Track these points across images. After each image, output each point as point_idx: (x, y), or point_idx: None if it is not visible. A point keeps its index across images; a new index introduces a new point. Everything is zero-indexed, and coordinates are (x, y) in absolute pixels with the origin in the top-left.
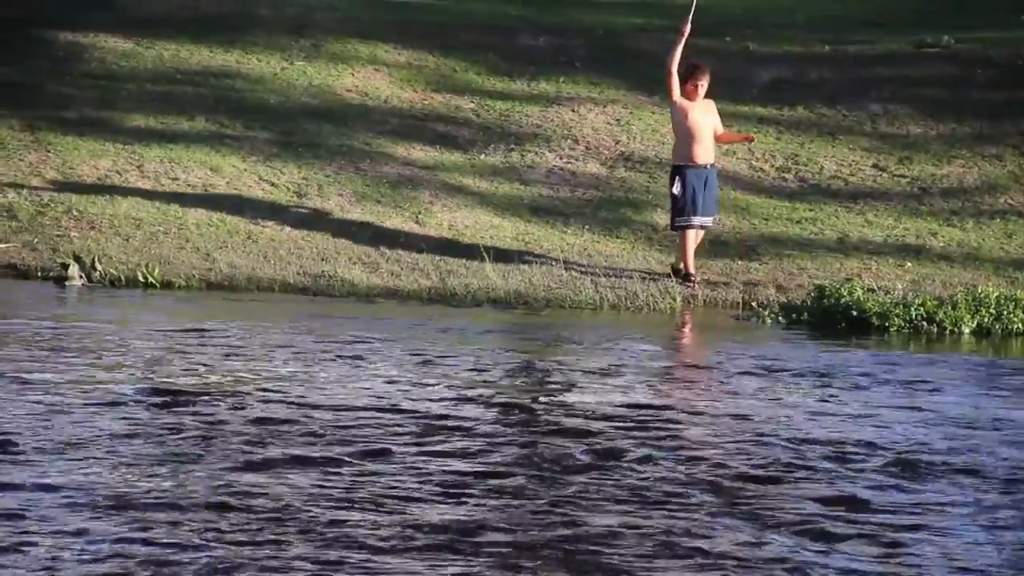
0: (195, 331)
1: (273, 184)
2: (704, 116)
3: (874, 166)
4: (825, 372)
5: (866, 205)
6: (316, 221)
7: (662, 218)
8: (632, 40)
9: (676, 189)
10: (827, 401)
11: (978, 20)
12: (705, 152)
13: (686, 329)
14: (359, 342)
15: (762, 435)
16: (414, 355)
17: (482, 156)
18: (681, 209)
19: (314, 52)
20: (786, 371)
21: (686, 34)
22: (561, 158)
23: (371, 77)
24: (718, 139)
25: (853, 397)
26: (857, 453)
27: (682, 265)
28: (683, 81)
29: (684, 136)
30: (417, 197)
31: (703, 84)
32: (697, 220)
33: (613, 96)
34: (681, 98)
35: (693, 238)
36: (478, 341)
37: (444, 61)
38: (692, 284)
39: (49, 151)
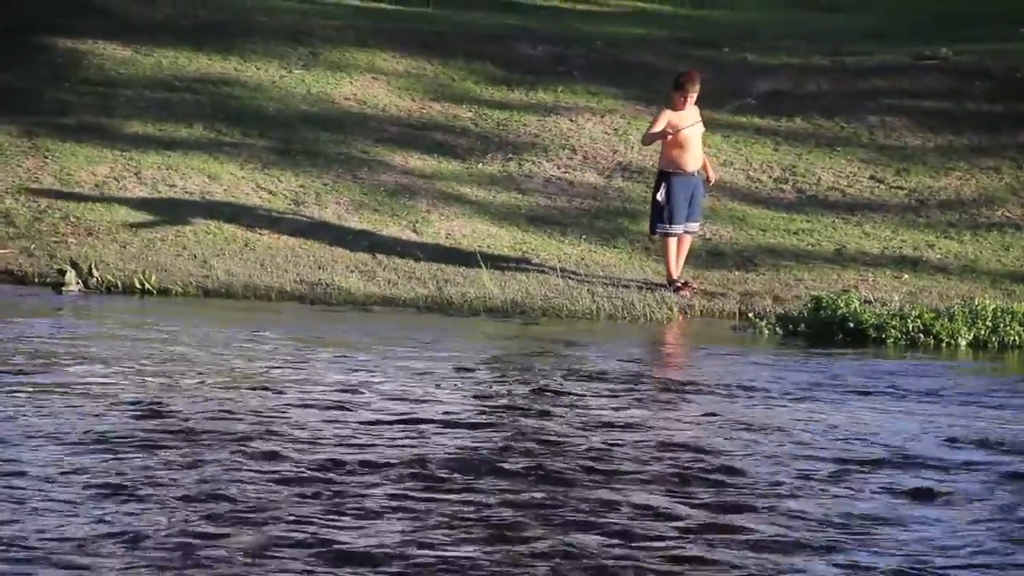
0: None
1: (271, 192)
2: (693, 126)
3: (871, 178)
4: (734, 385)
5: (863, 217)
6: (313, 229)
7: None
8: (631, 50)
9: (661, 196)
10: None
11: (976, 32)
12: (694, 160)
13: (665, 340)
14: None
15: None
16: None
17: (480, 165)
18: (663, 216)
19: (312, 60)
20: (699, 385)
21: (667, 138)
22: (559, 167)
23: (369, 85)
24: None
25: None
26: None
27: (667, 273)
28: (673, 92)
29: (674, 144)
30: (414, 206)
31: (693, 95)
32: (678, 228)
33: (611, 106)
34: (669, 115)
35: (675, 246)
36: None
37: (442, 70)
38: (686, 292)
39: (47, 157)
